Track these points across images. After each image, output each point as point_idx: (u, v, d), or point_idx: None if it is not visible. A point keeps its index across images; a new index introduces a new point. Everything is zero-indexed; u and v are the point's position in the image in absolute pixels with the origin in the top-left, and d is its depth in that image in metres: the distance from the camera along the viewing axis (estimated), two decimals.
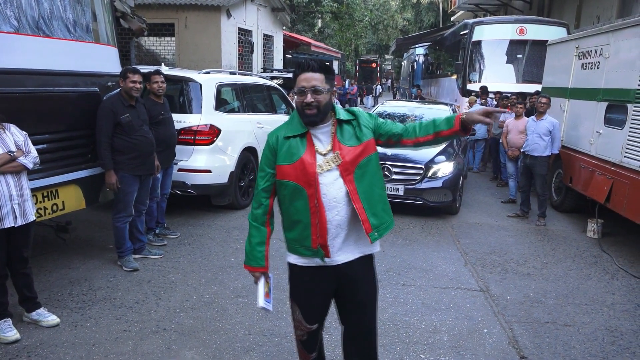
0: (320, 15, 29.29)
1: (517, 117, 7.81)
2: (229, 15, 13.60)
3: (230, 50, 13.92)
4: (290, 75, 13.52)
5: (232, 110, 6.75)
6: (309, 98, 2.08)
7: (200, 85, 6.13)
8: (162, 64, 6.96)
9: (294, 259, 2.29)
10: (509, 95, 9.31)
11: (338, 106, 2.30)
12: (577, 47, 7.23)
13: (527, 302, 4.25)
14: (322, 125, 2.17)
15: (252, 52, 15.32)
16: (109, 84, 4.65)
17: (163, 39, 13.78)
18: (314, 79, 2.10)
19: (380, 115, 8.92)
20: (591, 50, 6.74)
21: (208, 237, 5.56)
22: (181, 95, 6.23)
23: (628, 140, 5.49)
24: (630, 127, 5.48)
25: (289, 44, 22.20)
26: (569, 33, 10.93)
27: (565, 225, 6.75)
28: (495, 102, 10.09)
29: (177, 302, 3.95)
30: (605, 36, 6.43)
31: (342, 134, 2.18)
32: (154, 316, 3.69)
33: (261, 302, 2.30)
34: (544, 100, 6.79)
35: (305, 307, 2.33)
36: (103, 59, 4.69)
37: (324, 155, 2.14)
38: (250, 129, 6.87)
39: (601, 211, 6.16)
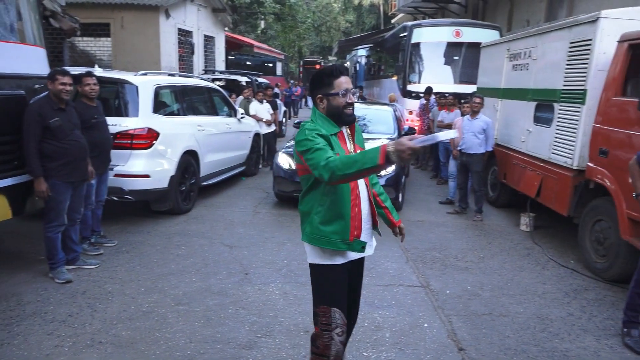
0: (262, 17, 29.14)
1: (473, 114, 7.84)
2: (167, 15, 13.26)
3: (170, 52, 13.58)
4: (234, 77, 13.36)
5: (171, 113, 6.58)
6: (352, 98, 2.32)
7: (137, 87, 5.94)
8: (96, 66, 6.68)
9: (327, 259, 2.37)
10: (446, 95, 9.60)
11: None
12: (508, 50, 7.56)
13: (465, 295, 4.40)
14: (347, 126, 2.41)
15: (192, 53, 15.01)
16: (36, 86, 4.42)
17: (98, 40, 13.24)
18: (349, 81, 2.36)
19: None
20: (521, 53, 7.08)
21: (147, 244, 5.40)
22: (117, 98, 6.01)
23: (555, 137, 5.80)
24: (557, 125, 5.80)
25: (232, 46, 21.92)
26: (501, 36, 11.42)
27: (501, 219, 7.04)
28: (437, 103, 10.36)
29: (114, 313, 3.80)
30: (533, 39, 6.77)
31: (355, 134, 2.46)
32: (89, 329, 3.54)
33: (443, 135, 2.00)
34: (477, 100, 7.06)
35: (344, 307, 2.41)
36: (29, 60, 4.45)
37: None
38: (191, 131, 6.72)
39: (534, 205, 6.46)
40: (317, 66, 40.45)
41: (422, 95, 11.20)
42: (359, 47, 24.00)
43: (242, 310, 3.90)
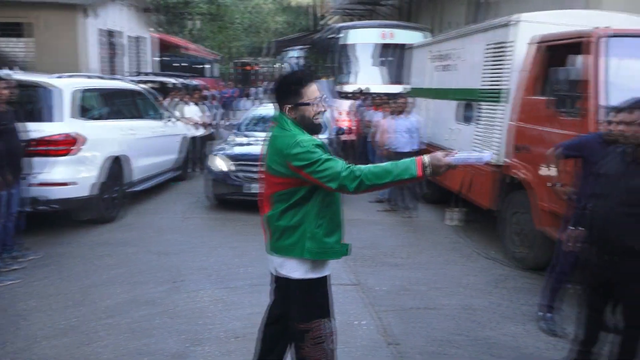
0: (190, 17, 28.54)
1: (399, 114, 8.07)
2: (86, 14, 12.67)
3: (94, 53, 13.02)
4: (162, 79, 13.00)
5: (93, 117, 6.30)
6: (322, 105, 2.32)
7: (58, 90, 5.64)
8: (8, 68, 6.30)
9: (322, 271, 2.39)
10: (375, 95, 9.81)
11: None
12: (434, 51, 7.87)
13: (395, 291, 4.52)
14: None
15: (118, 55, 14.47)
16: None
17: (15, 40, 12.46)
18: (319, 88, 2.34)
19: (256, 118, 8.96)
20: (448, 53, 7.38)
21: (73, 255, 5.14)
22: (35, 102, 5.67)
23: (476, 135, 6.10)
24: (477, 124, 6.10)
25: (163, 47, 21.34)
26: (431, 37, 11.84)
27: (430, 215, 7.31)
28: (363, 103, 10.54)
29: (38, 329, 3.59)
30: (455, 41, 7.08)
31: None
32: (11, 348, 3.32)
33: (481, 155, 2.27)
34: (404, 100, 7.30)
35: (331, 314, 2.44)
36: None
37: None
38: (115, 136, 6.47)
39: (463, 200, 6.75)
40: (249, 67, 40.16)
41: (354, 95, 11.36)
42: (291, 48, 24.03)
43: (171, 320, 3.81)
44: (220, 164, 6.99)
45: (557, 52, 4.84)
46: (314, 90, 2.32)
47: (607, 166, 2.90)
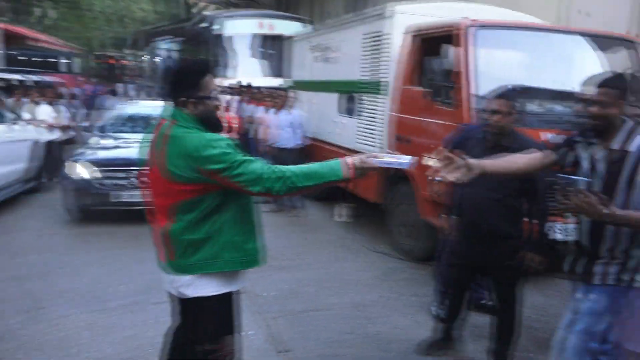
0: (41, 4, 26.42)
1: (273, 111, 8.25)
2: None
3: None
4: (13, 76, 11.87)
5: None
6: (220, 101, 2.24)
7: None
8: None
9: (233, 285, 2.33)
10: (255, 90, 9.86)
11: None
12: (315, 42, 8.10)
13: (288, 295, 4.62)
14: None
15: None
16: None
17: None
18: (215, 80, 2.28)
19: (125, 117, 8.56)
20: (328, 45, 7.64)
21: None
22: None
23: (358, 127, 6.43)
24: (359, 116, 6.43)
25: (9, 39, 19.47)
26: (313, 29, 12.13)
27: (319, 212, 7.54)
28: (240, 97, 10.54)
29: None
30: (334, 32, 7.37)
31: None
32: None
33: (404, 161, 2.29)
34: (290, 94, 7.44)
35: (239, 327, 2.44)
36: None
37: None
38: None
39: (349, 196, 7.03)
40: (112, 60, 38.13)
41: (233, 90, 11.31)
42: (160, 39, 23.20)
43: (36, 352, 3.56)
44: (81, 170, 6.58)
45: (430, 43, 5.25)
46: (213, 82, 2.25)
47: (471, 153, 3.25)
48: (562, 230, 4.31)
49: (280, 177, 2.11)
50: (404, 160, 2.31)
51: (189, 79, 2.21)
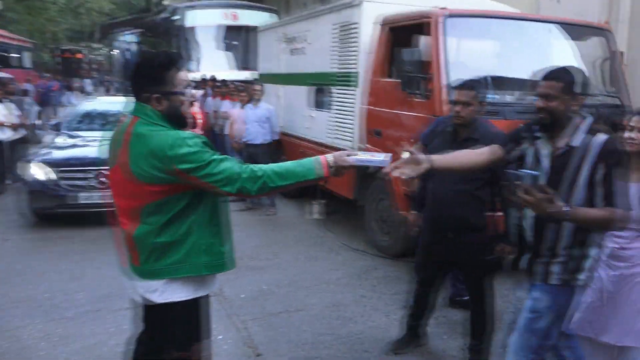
0: None
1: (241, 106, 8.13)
2: None
3: None
4: None
5: None
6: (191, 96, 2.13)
7: None
8: None
9: (206, 288, 2.28)
10: (220, 83, 9.72)
11: None
12: (284, 33, 8.02)
13: (260, 296, 4.56)
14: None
15: None
16: None
17: None
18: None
19: (84, 114, 8.36)
20: (296, 36, 7.56)
21: None
22: None
23: (334, 121, 6.38)
24: (335, 109, 6.38)
25: None
26: (279, 19, 12.04)
27: (294, 210, 7.48)
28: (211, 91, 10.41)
29: None
30: (304, 22, 7.30)
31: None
32: None
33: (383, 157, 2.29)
34: (257, 87, 7.35)
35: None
36: None
37: None
38: None
39: (326, 192, 7.00)
40: (79, 55, 37.22)
41: (197, 84, 11.14)
42: (127, 32, 22.84)
43: None
44: (35, 171, 6.37)
45: (402, 33, 5.24)
46: (183, 76, 2.17)
47: (437, 147, 3.28)
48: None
49: (254, 177, 2.07)
50: (381, 158, 2.30)
51: (153, 72, 2.13)
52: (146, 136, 2.07)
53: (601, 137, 2.39)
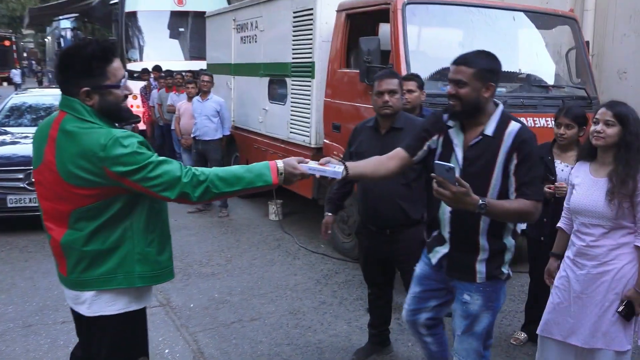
0: None
1: (190, 99, 7.93)
2: None
3: None
4: None
5: None
6: (129, 87, 2.15)
7: None
8: None
9: (144, 300, 2.22)
10: (165, 74, 9.52)
11: None
12: (234, 20, 7.91)
13: (212, 305, 4.50)
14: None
15: None
16: None
17: None
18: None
19: (15, 108, 8.10)
20: (248, 23, 7.47)
21: None
22: None
23: (291, 115, 6.33)
24: (292, 102, 6.32)
25: None
26: (229, 3, 11.89)
27: (249, 211, 7.42)
28: (156, 83, 10.21)
29: None
30: (258, 8, 7.20)
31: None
32: None
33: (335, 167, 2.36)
34: (206, 78, 7.23)
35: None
36: None
37: None
38: None
39: (283, 191, 6.95)
40: (7, 42, 35.88)
41: (141, 75, 10.90)
42: (61, 17, 22.19)
43: None
44: None
45: (360, 20, 5.24)
46: (119, 68, 2.07)
47: (362, 143, 3.31)
48: None
49: (196, 182, 2.02)
50: (337, 169, 2.34)
51: (85, 64, 2.01)
52: (75, 134, 1.98)
53: (515, 126, 2.37)
